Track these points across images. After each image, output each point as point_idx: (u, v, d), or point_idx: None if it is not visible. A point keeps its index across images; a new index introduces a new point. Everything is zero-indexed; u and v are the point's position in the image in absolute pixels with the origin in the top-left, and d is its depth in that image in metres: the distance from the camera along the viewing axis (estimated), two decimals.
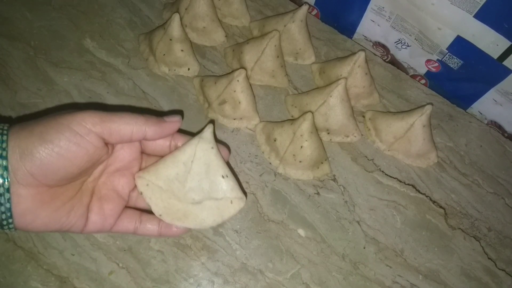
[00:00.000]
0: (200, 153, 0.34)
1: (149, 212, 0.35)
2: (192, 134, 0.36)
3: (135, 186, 0.35)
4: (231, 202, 0.34)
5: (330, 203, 0.50)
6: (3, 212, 0.28)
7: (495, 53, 0.52)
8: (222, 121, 0.53)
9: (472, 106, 0.61)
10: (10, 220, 0.29)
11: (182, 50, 0.54)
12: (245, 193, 0.36)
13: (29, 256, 0.41)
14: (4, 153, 0.28)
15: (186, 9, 0.57)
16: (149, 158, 0.37)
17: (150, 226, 0.35)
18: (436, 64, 0.60)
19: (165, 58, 0.54)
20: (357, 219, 0.49)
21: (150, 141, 0.35)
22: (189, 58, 0.55)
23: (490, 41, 0.52)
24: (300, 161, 0.49)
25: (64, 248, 0.42)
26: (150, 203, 0.34)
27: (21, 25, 0.56)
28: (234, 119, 0.52)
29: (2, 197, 0.28)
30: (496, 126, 0.61)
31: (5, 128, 0.29)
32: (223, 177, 0.34)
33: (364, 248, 0.47)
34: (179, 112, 0.53)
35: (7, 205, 0.28)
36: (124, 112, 0.32)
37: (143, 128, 0.32)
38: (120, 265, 0.42)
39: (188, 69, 0.55)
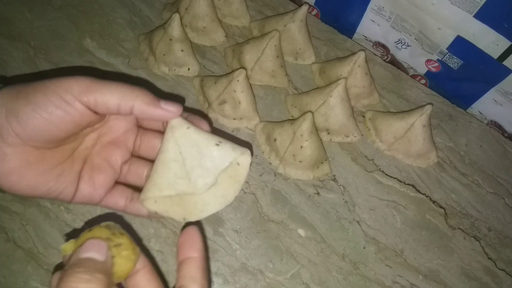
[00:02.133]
0: (181, 140, 0.32)
1: (141, 190, 0.34)
2: None
3: (128, 158, 0.35)
4: (238, 164, 0.32)
5: (330, 203, 0.50)
6: None
7: (495, 53, 0.52)
8: (222, 121, 0.53)
9: (472, 106, 0.61)
10: None
11: (182, 50, 0.54)
12: (248, 146, 0.34)
13: (29, 256, 0.41)
14: None
15: (186, 9, 0.57)
16: (145, 133, 0.36)
17: (140, 206, 0.34)
18: (436, 64, 0.60)
19: (165, 58, 0.54)
20: (357, 219, 0.49)
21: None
22: (189, 58, 0.55)
23: (490, 41, 0.52)
24: (300, 161, 0.49)
25: None
26: (169, 215, 0.32)
27: (21, 25, 0.56)
28: (234, 119, 0.52)
29: None
30: (496, 126, 0.61)
31: None
32: (217, 145, 0.32)
33: (364, 248, 0.47)
34: (180, 100, 0.51)
35: None
36: (116, 82, 0.30)
37: (131, 103, 0.30)
38: None
39: (188, 69, 0.55)
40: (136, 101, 0.30)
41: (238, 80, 0.50)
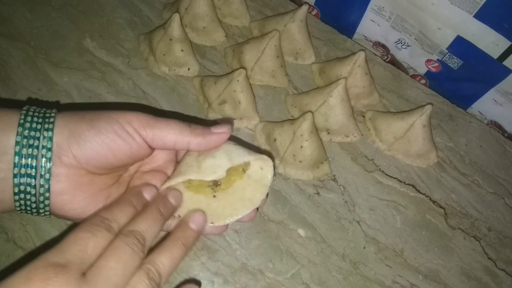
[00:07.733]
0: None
1: None
2: None
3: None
4: (261, 168, 0.34)
5: (330, 203, 0.50)
6: (41, 194, 0.29)
7: (495, 53, 0.52)
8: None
9: (472, 106, 0.61)
10: (47, 202, 0.29)
11: (182, 50, 0.54)
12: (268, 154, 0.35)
13: (29, 256, 0.41)
14: (50, 134, 0.29)
15: (186, 9, 0.57)
16: None
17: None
18: (436, 64, 0.60)
19: (165, 58, 0.54)
20: (357, 219, 0.49)
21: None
22: (189, 58, 0.55)
23: (490, 41, 0.52)
24: (300, 161, 0.49)
25: None
26: None
27: (21, 25, 0.56)
28: (234, 119, 0.52)
29: (43, 178, 0.29)
30: (496, 126, 0.61)
31: (53, 111, 0.30)
32: (235, 144, 0.34)
33: (364, 248, 0.47)
34: (230, 121, 0.51)
35: (46, 186, 0.29)
36: (172, 119, 0.32)
37: (187, 139, 0.32)
38: None
39: (188, 69, 0.55)
40: (191, 136, 0.32)
41: (238, 80, 0.50)
